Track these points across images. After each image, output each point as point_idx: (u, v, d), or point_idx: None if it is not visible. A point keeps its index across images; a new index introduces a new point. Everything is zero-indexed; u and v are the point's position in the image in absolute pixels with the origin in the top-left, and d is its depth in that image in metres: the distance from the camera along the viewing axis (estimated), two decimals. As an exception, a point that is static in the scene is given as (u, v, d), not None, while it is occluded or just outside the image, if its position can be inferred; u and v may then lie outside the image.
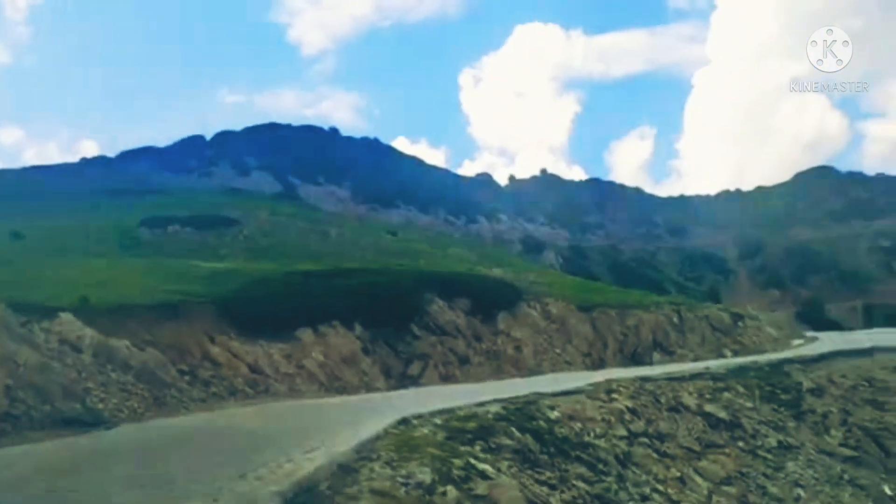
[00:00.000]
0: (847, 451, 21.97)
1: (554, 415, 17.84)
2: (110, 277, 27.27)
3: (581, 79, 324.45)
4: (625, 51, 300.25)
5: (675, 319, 36.47)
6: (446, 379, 27.81)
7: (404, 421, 14.88)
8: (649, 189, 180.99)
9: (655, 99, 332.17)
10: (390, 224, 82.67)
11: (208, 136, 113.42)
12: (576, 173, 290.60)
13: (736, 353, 35.87)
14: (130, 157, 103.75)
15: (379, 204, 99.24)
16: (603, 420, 18.45)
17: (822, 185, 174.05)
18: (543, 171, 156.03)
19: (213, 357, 23.53)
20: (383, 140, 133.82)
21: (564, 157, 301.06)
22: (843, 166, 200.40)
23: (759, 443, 20.72)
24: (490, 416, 16.47)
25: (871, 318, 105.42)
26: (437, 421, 15.26)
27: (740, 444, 20.37)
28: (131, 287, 25.82)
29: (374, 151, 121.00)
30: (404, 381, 27.22)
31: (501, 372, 29.38)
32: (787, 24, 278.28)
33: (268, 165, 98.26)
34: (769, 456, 20.20)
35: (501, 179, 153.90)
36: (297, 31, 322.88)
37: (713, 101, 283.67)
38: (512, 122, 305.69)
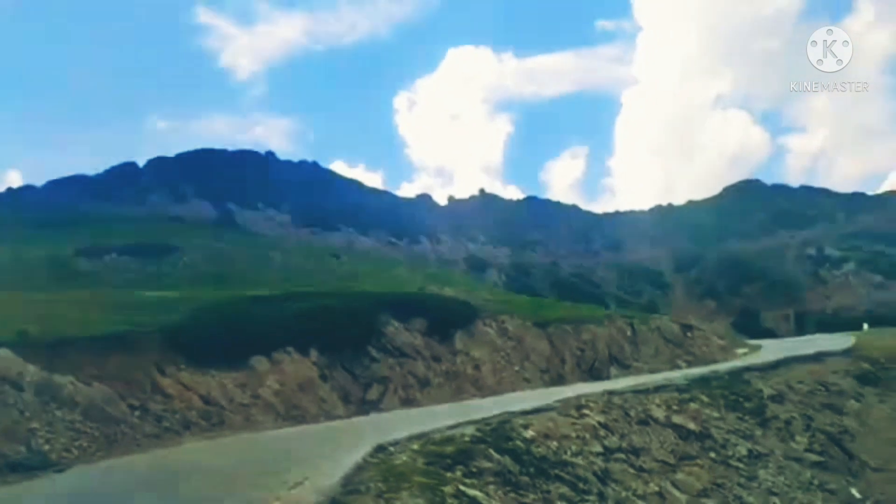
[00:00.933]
0: (813, 457, 22.15)
1: (529, 434, 17.39)
2: (49, 310, 25.72)
3: (513, 100, 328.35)
4: (555, 72, 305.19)
5: (629, 332, 36.57)
6: (407, 402, 27.06)
7: (381, 448, 14.26)
8: (585, 206, 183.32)
9: (586, 118, 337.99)
10: (332, 247, 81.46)
11: (141, 163, 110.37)
12: (512, 192, 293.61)
13: (689, 364, 36.14)
14: (59, 186, 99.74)
15: (320, 227, 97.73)
16: (578, 437, 18.09)
17: (749, 197, 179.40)
18: (482, 191, 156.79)
19: (163, 389, 22.31)
20: (321, 164, 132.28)
21: (500, 177, 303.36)
22: (769, 179, 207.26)
23: (730, 452, 20.67)
24: (466, 438, 15.93)
25: (803, 324, 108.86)
26: (414, 447, 14.67)
27: (712, 454, 20.28)
28: (72, 319, 24.40)
29: (313, 174, 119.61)
30: (364, 406, 26.37)
31: (462, 392, 28.79)
32: (708, 45, 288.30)
33: (204, 191, 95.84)
34: (741, 465, 20.16)
35: (441, 200, 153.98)
36: (228, 57, 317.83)
37: (642, 120, 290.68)
38: (448, 143, 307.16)
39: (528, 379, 31.26)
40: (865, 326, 62.27)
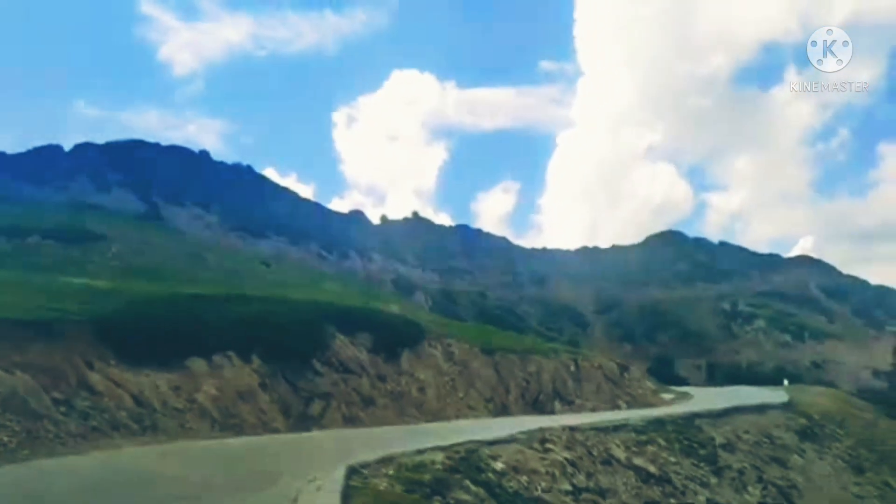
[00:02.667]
0: (768, 510, 21.73)
1: (499, 466, 16.38)
2: (-34, 288, 23.28)
3: (452, 128, 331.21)
4: (495, 106, 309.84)
5: (572, 368, 36.04)
6: (350, 421, 25.58)
7: (353, 471, 12.90)
8: (513, 240, 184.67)
9: (521, 155, 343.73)
10: (261, 254, 78.80)
11: (66, 147, 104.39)
12: (442, 219, 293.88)
13: (629, 405, 35.85)
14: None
15: (249, 233, 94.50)
16: (547, 473, 17.16)
17: (671, 248, 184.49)
18: (415, 214, 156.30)
19: (91, 385, 20.31)
20: (255, 169, 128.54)
21: (432, 203, 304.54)
22: (690, 232, 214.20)
23: (690, 500, 20.08)
24: (438, 466, 14.78)
25: (714, 375, 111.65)
26: (389, 472, 13.40)
27: (672, 500, 19.64)
28: (-7, 300, 22.08)
29: (246, 179, 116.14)
30: (305, 421, 24.74)
31: (405, 415, 27.49)
32: (645, 97, 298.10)
33: (130, 183, 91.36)
34: (701, 514, 19.54)
35: (373, 218, 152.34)
36: (168, 51, 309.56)
37: (574, 162, 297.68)
38: (383, 163, 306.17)
39: (473, 407, 30.22)
40: (786, 382, 63.86)
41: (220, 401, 22.79)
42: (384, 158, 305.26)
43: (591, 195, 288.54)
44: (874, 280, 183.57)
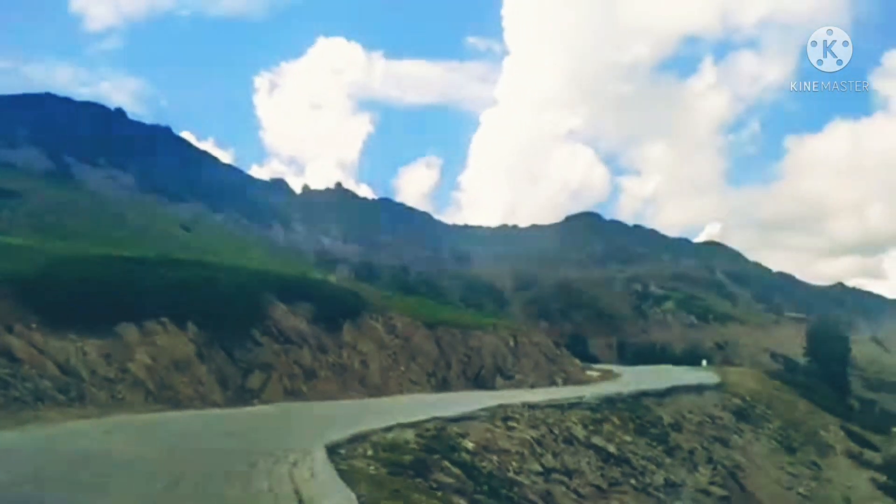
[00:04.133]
0: (718, 490, 21.85)
1: (469, 445, 15.55)
2: None
3: (377, 100, 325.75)
4: (421, 80, 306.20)
5: (511, 343, 35.56)
6: (292, 394, 24.25)
7: (330, 451, 11.79)
8: (433, 216, 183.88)
9: (445, 131, 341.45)
10: (179, 218, 75.23)
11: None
12: (363, 191, 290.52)
13: (565, 382, 35.77)
14: None
15: (166, 196, 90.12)
16: (517, 452, 16.50)
17: (588, 229, 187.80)
18: (339, 185, 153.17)
19: (11, 351, 18.42)
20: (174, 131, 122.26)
21: (354, 175, 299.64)
22: (606, 215, 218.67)
23: (648, 480, 19.87)
24: (412, 445, 13.83)
25: (624, 354, 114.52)
26: (368, 452, 12.35)
27: (632, 481, 19.36)
28: None
29: (164, 140, 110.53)
30: (244, 394, 23.28)
31: (348, 389, 26.34)
32: (568, 81, 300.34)
33: (40, 139, 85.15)
34: (661, 495, 19.51)
35: (295, 188, 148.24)
36: (82, 3, 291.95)
37: (497, 141, 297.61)
38: (305, 132, 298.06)
39: (416, 381, 29.36)
40: (704, 363, 65.64)
41: (154, 371, 21.11)
42: (306, 127, 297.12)
43: (511, 174, 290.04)
44: (776, 267, 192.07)
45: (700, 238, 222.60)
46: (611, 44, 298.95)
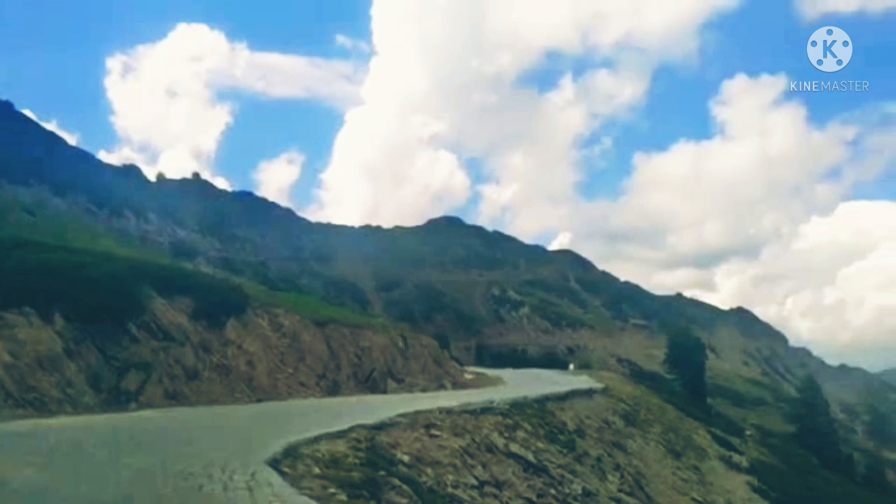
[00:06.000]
0: (628, 499, 21.45)
1: (404, 457, 14.09)
2: None
3: (238, 91, 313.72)
4: (286, 74, 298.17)
5: (401, 344, 34.12)
6: (173, 397, 21.69)
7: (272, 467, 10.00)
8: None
9: (308, 127, 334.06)
10: (20, 202, 67.84)
11: None
12: (220, 184, 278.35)
13: (454, 386, 34.78)
14: None
15: (5, 178, 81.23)
16: (450, 464, 15.30)
17: (450, 233, 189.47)
18: (196, 176, 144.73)
19: None
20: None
21: (211, 166, 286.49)
22: (467, 220, 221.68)
23: (567, 490, 19.22)
24: (352, 459, 12.22)
25: (482, 357, 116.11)
26: (314, 470, 10.69)
27: (552, 491, 18.52)
28: None
29: (3, 117, 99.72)
30: (119, 396, 20.52)
31: (235, 391, 23.99)
32: (434, 86, 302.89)
33: None
34: (582, 505, 18.59)
35: (149, 176, 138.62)
36: None
37: (361, 141, 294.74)
38: (159, 120, 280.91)
39: (304, 384, 27.34)
40: (572, 366, 66.92)
41: (15, 370, 18.05)
42: (161, 114, 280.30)
43: (374, 175, 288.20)
44: (622, 277, 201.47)
45: (552, 246, 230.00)
46: (477, 53, 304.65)
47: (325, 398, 25.90)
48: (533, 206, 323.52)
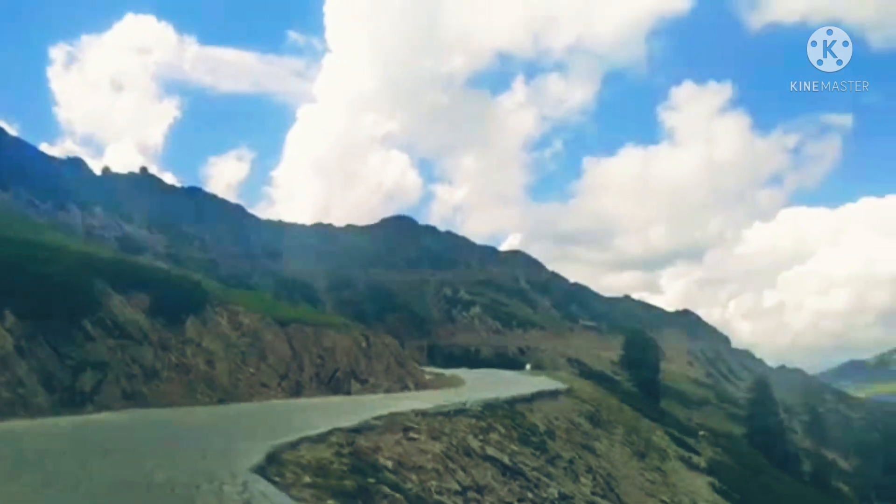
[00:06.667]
0: (603, 502, 21.20)
1: (388, 463, 13.49)
2: None
3: (187, 85, 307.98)
4: (237, 69, 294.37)
5: (364, 344, 33.37)
6: (131, 398, 20.63)
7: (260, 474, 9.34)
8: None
9: (259, 123, 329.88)
10: (-44, 193, 65.06)
11: None
12: (168, 179, 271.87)
13: (417, 387, 34.19)
14: None
15: (-60, 168, 77.89)
16: (433, 469, 14.74)
17: (403, 232, 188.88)
18: (144, 170, 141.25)
19: None
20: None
21: (158, 161, 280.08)
22: (419, 220, 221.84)
23: (545, 494, 18.80)
24: (337, 465, 11.62)
25: (433, 356, 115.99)
26: (305, 478, 10.04)
27: (530, 495, 18.12)
28: None
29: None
30: (74, 397, 19.41)
31: (196, 392, 22.99)
32: (387, 86, 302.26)
33: None
34: (561, 508, 18.25)
35: (95, 169, 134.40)
36: None
37: (313, 139, 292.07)
38: (104, 112, 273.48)
39: (266, 384, 26.43)
40: (528, 367, 66.89)
41: (-37, 369, 16.89)
42: (106, 107, 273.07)
43: (326, 173, 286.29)
44: (571, 278, 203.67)
45: (503, 247, 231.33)
46: (430, 53, 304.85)
47: (288, 399, 25.06)
48: (484, 207, 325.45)
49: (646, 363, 64.91)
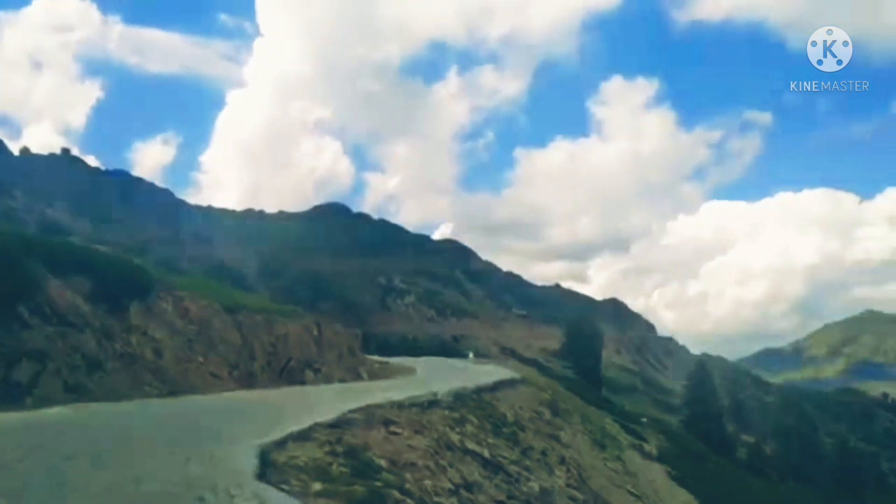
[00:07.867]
0: (577, 493, 20.59)
1: (380, 461, 12.41)
2: None
3: (111, 66, 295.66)
4: (163, 51, 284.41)
5: (315, 332, 31.98)
6: (74, 390, 18.85)
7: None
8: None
9: (186, 107, 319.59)
10: None
11: None
12: (91, 163, 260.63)
13: (370, 377, 33.06)
14: None
15: None
16: (424, 467, 13.69)
17: (335, 220, 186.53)
18: (65, 152, 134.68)
19: None
20: None
21: (80, 143, 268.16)
22: (352, 207, 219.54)
23: (526, 489, 17.98)
24: (336, 466, 10.52)
25: (368, 346, 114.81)
26: (315, 487, 8.91)
27: (515, 491, 17.26)
28: None
29: None
30: (10, 390, 17.56)
31: (143, 383, 21.28)
32: (319, 71, 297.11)
33: None
34: None
35: (13, 150, 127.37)
36: None
37: (243, 123, 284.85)
38: (23, 92, 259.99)
39: (217, 375, 24.85)
40: (471, 355, 66.33)
41: None
42: (25, 87, 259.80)
43: (256, 159, 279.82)
44: (504, 268, 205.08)
45: (435, 236, 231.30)
46: (363, 40, 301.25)
47: (243, 391, 23.56)
48: (417, 196, 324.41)
49: (588, 351, 65.21)
